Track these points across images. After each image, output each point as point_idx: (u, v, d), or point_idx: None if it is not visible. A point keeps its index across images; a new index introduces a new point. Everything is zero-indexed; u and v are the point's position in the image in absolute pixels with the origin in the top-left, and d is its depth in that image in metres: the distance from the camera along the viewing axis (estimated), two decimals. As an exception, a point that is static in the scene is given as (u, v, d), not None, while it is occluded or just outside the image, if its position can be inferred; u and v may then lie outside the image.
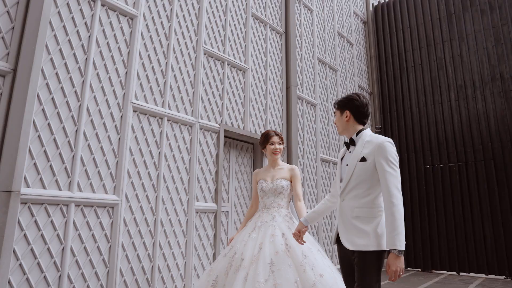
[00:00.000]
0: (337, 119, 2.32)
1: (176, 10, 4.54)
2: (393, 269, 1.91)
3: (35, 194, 3.04)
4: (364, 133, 2.19)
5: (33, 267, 3.00)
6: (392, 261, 1.92)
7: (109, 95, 3.71)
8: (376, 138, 2.12)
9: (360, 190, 2.09)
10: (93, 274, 3.36)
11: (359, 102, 2.21)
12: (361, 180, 2.09)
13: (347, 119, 2.23)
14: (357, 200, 2.09)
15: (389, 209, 1.94)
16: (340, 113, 2.29)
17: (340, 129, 2.32)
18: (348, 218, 2.09)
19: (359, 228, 2.04)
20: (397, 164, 2.04)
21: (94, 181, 3.48)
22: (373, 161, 2.07)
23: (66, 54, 3.43)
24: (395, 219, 1.92)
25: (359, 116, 2.21)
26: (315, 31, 7.28)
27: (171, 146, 4.22)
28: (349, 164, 2.15)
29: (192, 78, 4.58)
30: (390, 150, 2.04)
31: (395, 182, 1.99)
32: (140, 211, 3.81)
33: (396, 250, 1.90)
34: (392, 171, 2.00)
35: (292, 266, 2.56)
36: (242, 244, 2.83)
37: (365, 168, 2.08)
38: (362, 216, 2.06)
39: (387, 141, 2.07)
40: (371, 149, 2.08)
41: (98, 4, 3.73)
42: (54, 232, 3.16)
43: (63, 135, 3.32)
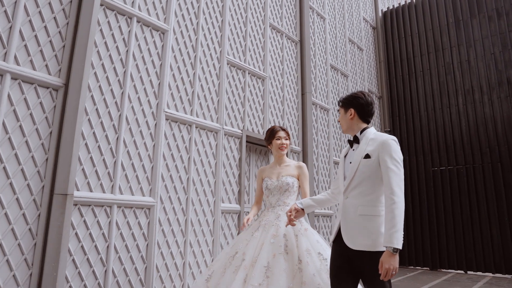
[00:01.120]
0: (341, 117, 2.29)
1: (202, 23, 4.85)
2: (386, 266, 1.85)
3: (83, 196, 3.37)
4: (368, 131, 2.17)
5: (83, 262, 3.32)
6: (386, 258, 1.86)
7: (144, 104, 4.02)
8: (381, 135, 2.09)
9: (364, 187, 2.06)
10: (133, 269, 3.68)
11: (364, 100, 2.20)
12: (365, 177, 2.06)
13: (351, 117, 2.21)
14: (360, 198, 2.05)
15: (389, 206, 1.91)
16: (344, 111, 2.27)
17: (344, 127, 2.28)
18: (352, 216, 2.06)
19: (363, 226, 2.00)
20: (401, 162, 2.01)
21: (133, 184, 3.80)
22: (377, 158, 2.03)
23: (107, 68, 3.75)
24: (394, 216, 1.88)
25: (364, 115, 2.20)
26: (328, 38, 7.56)
27: (199, 151, 4.53)
28: (353, 162, 2.13)
29: (216, 87, 4.89)
30: (394, 147, 2.02)
31: (397, 180, 1.95)
32: (172, 212, 4.12)
33: (391, 248, 1.85)
34: (395, 168, 1.97)
35: (287, 271, 2.49)
36: (245, 243, 2.75)
37: (369, 165, 2.05)
38: (366, 214, 2.02)
39: (391, 139, 2.05)
40: (375, 146, 2.06)
41: (134, 20, 4.04)
42: (100, 231, 3.48)
43: (106, 143, 3.64)
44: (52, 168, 3.22)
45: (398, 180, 1.95)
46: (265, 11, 5.96)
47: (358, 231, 2.01)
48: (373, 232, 1.98)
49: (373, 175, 2.04)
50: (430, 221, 8.20)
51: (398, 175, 1.96)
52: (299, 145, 6.18)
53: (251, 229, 2.86)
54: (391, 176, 1.95)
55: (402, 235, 1.87)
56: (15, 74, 3.09)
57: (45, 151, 3.23)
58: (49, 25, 3.39)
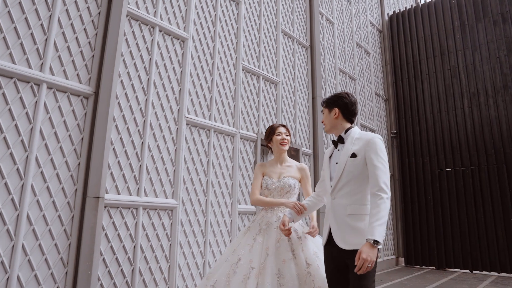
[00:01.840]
0: (325, 116, 2.30)
1: (219, 31, 5.02)
2: (363, 256, 1.82)
3: (112, 199, 3.54)
4: (353, 131, 2.19)
5: (113, 261, 3.50)
6: (365, 249, 1.83)
7: (166, 110, 4.20)
8: (366, 134, 2.12)
9: (351, 187, 2.06)
10: (157, 268, 3.86)
11: (348, 100, 2.22)
12: (352, 176, 2.06)
13: (335, 116, 2.22)
14: (349, 198, 2.06)
15: (375, 202, 1.92)
16: (328, 111, 2.28)
17: (328, 127, 2.29)
18: (341, 216, 2.05)
19: (353, 226, 2.00)
20: (386, 160, 2.04)
21: (157, 187, 3.98)
22: (364, 156, 2.05)
23: (132, 76, 3.93)
24: (380, 210, 1.88)
25: (348, 114, 2.22)
26: (336, 43, 7.73)
27: (217, 154, 4.70)
28: (339, 162, 2.13)
29: (233, 93, 5.07)
30: (379, 145, 2.04)
31: (383, 177, 1.97)
32: (193, 213, 4.30)
33: (372, 240, 1.84)
34: (381, 166, 1.99)
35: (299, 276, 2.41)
36: (247, 248, 2.59)
37: (355, 164, 2.06)
38: (355, 214, 2.02)
39: (377, 137, 2.07)
40: (361, 145, 2.07)
41: (156, 30, 4.22)
42: (127, 231, 3.66)
43: (131, 147, 3.82)
44: (84, 172, 3.40)
45: (385, 177, 1.97)
46: (277, 17, 6.13)
47: (348, 231, 2.01)
48: (364, 231, 1.97)
49: (360, 174, 2.05)
50: (436, 222, 8.36)
51: (384, 172, 1.99)
52: (310, 148, 6.35)
53: (251, 233, 2.70)
54: (378, 173, 1.97)
55: (384, 230, 1.87)
56: (50, 83, 3.27)
57: (77, 156, 3.41)
58: (79, 36, 3.56)
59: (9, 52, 3.06)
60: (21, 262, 2.94)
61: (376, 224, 1.86)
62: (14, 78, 3.07)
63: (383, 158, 2.02)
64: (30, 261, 2.99)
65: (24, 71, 3.11)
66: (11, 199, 2.95)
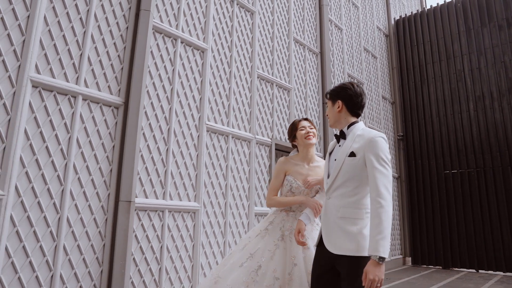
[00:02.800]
0: (329, 110, 2.11)
1: (235, 41, 5.25)
2: (370, 277, 1.68)
3: (141, 203, 3.79)
4: (356, 126, 1.99)
5: (142, 261, 3.75)
6: (371, 268, 1.69)
7: (188, 118, 4.44)
8: (368, 132, 1.92)
9: (347, 188, 1.90)
10: (182, 267, 4.10)
11: (352, 91, 2.02)
12: (348, 177, 1.89)
13: (339, 109, 2.03)
14: (343, 199, 1.90)
15: (375, 210, 1.74)
16: (331, 103, 2.09)
17: (331, 121, 2.10)
18: (333, 218, 1.91)
19: (344, 230, 1.85)
20: (389, 162, 1.85)
21: (181, 191, 4.22)
22: (363, 157, 1.86)
23: (157, 86, 4.17)
24: (381, 221, 1.71)
25: (353, 107, 2.02)
26: (345, 48, 7.95)
27: (235, 159, 4.94)
28: (338, 159, 1.96)
29: (249, 100, 5.30)
30: (382, 146, 1.85)
31: (384, 181, 1.78)
32: (213, 215, 4.54)
33: (377, 257, 1.69)
34: (382, 169, 1.80)
35: None
36: (268, 255, 2.36)
37: (353, 164, 1.89)
38: (348, 217, 1.86)
39: (379, 136, 1.87)
40: (361, 144, 1.88)
41: (178, 41, 4.46)
42: (154, 233, 3.91)
43: (157, 154, 4.06)
44: (115, 178, 3.65)
45: (386, 181, 1.79)
46: (289, 26, 6.36)
47: (340, 235, 1.86)
48: (356, 236, 1.83)
49: (357, 175, 1.88)
50: (442, 222, 8.56)
51: (386, 176, 1.80)
52: (321, 151, 6.57)
53: (270, 237, 2.45)
54: (378, 177, 1.78)
55: (389, 243, 1.71)
56: (85, 95, 3.52)
57: (109, 162, 3.66)
58: (110, 50, 3.81)
59: (49, 67, 3.32)
60: (63, 261, 3.19)
61: (379, 238, 1.69)
62: (54, 91, 3.33)
63: (385, 160, 1.82)
64: (70, 260, 3.24)
65: (62, 85, 3.36)
66: (53, 203, 3.20)
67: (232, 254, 2.53)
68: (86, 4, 3.68)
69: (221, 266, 2.48)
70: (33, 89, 3.20)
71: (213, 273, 2.48)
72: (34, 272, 3.01)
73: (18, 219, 2.98)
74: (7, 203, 2.90)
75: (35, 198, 3.10)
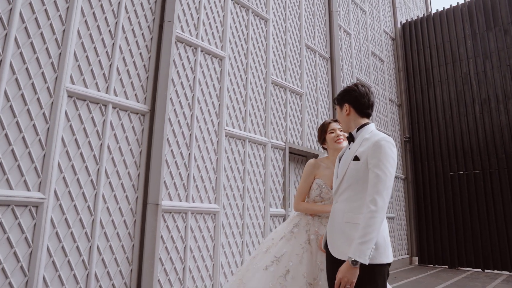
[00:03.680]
0: (338, 115, 2.09)
1: (251, 48, 5.45)
2: (339, 275, 1.68)
3: (166, 205, 3.99)
4: (366, 129, 1.94)
5: (167, 260, 3.95)
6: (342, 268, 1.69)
7: (208, 124, 4.64)
8: (375, 135, 1.87)
9: (351, 192, 1.86)
10: (204, 266, 4.30)
11: (357, 92, 1.97)
12: (352, 181, 1.86)
13: (347, 113, 1.99)
14: (348, 204, 1.86)
15: (365, 214, 1.71)
16: (340, 108, 2.06)
17: (343, 126, 2.06)
18: (339, 222, 1.88)
19: (347, 235, 1.80)
20: (392, 168, 1.77)
21: (202, 194, 4.42)
22: (366, 161, 1.82)
23: (179, 93, 4.37)
24: (366, 226, 1.68)
25: (361, 108, 1.97)
26: (353, 53, 8.13)
27: (251, 163, 5.14)
28: (343, 163, 1.94)
29: (264, 105, 5.50)
30: (385, 150, 1.78)
31: (380, 187, 1.72)
32: (232, 216, 4.74)
33: (351, 259, 1.66)
34: (381, 174, 1.73)
35: None
36: (296, 259, 2.29)
37: (357, 168, 1.84)
38: (352, 222, 1.81)
39: (384, 140, 1.80)
40: (365, 147, 1.84)
41: (198, 50, 4.66)
42: (178, 234, 4.11)
43: (180, 158, 4.26)
44: (143, 182, 3.85)
45: (382, 187, 1.72)
46: (300, 32, 6.55)
47: (342, 239, 1.83)
48: None
49: (361, 180, 1.83)
50: (448, 223, 8.73)
51: (383, 181, 1.73)
52: None
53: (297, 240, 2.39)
54: (375, 182, 1.73)
55: (370, 249, 1.66)
56: (115, 103, 3.72)
57: (137, 167, 3.86)
58: (136, 59, 4.01)
59: (82, 78, 3.52)
60: (97, 260, 3.40)
61: (359, 242, 1.66)
62: (86, 100, 3.53)
63: (385, 165, 1.75)
64: (103, 259, 3.44)
65: (94, 94, 3.56)
66: (87, 206, 3.40)
67: (255, 257, 2.43)
68: (115, 17, 3.89)
69: (243, 270, 2.41)
70: (69, 99, 3.40)
71: (235, 277, 2.40)
72: (72, 271, 3.22)
73: (57, 221, 3.18)
74: (48, 206, 3.10)
75: (71, 201, 3.30)
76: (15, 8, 3.10)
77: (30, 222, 3.02)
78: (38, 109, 3.19)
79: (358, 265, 1.66)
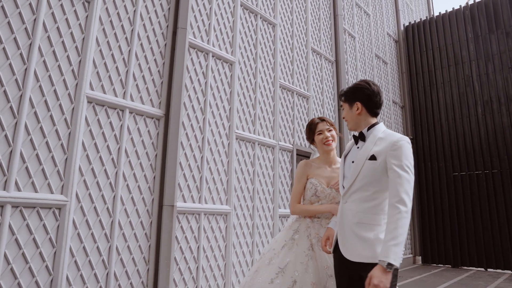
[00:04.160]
0: (346, 113, 1.98)
1: (259, 53, 5.57)
2: (375, 282, 1.58)
3: (180, 206, 4.12)
4: (377, 128, 1.90)
5: (182, 259, 4.08)
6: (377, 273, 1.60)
7: (220, 127, 4.77)
8: (391, 135, 1.84)
9: (365, 192, 1.81)
10: (216, 266, 4.43)
11: (370, 90, 1.91)
12: (368, 181, 1.81)
13: (358, 112, 1.92)
14: (360, 204, 1.82)
15: (393, 215, 1.66)
16: (349, 106, 1.96)
17: (351, 125, 1.98)
18: (349, 223, 1.83)
19: (360, 236, 1.77)
20: (412, 168, 1.76)
21: (214, 195, 4.55)
22: (384, 160, 1.78)
23: (192, 98, 4.50)
24: (397, 227, 1.63)
25: (372, 107, 1.92)
26: (357, 56, 8.26)
27: (261, 165, 5.27)
28: (356, 162, 1.88)
29: (272, 108, 5.63)
30: (405, 150, 1.76)
31: (406, 187, 1.70)
32: (243, 217, 4.87)
33: (386, 263, 1.59)
34: (405, 174, 1.71)
35: None
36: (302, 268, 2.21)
37: (374, 168, 1.80)
38: (365, 223, 1.79)
39: (403, 140, 1.79)
40: (383, 147, 1.80)
41: (210, 55, 4.78)
42: (192, 234, 4.24)
43: (193, 161, 4.39)
44: (158, 184, 3.98)
45: (408, 187, 1.71)
46: (307, 36, 6.67)
47: (356, 241, 1.78)
48: (373, 242, 1.75)
49: (377, 179, 1.80)
50: (451, 223, 8.86)
51: (409, 182, 1.71)
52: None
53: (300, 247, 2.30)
54: (400, 182, 1.70)
55: (402, 251, 1.63)
56: (131, 108, 3.85)
57: (152, 170, 3.99)
58: (151, 65, 4.14)
59: (101, 84, 3.65)
60: (116, 260, 3.52)
61: (392, 244, 1.61)
62: (105, 105, 3.66)
63: (408, 166, 1.74)
64: (122, 259, 3.57)
65: (112, 99, 3.69)
66: (106, 208, 3.53)
67: (258, 271, 2.31)
68: (130, 24, 4.01)
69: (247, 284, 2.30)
70: (88, 104, 3.53)
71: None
72: (93, 270, 3.35)
73: (79, 222, 3.31)
74: (70, 208, 3.23)
75: (91, 203, 3.43)
76: (39, 18, 3.23)
77: (54, 223, 3.15)
78: (60, 115, 3.31)
79: (393, 268, 1.59)
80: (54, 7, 3.36)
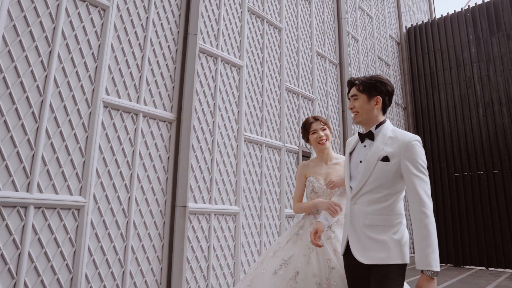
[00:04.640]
0: (362, 104, 1.88)
1: (266, 57, 5.70)
2: None
3: (192, 207, 4.24)
4: (385, 127, 1.86)
5: (193, 258, 4.21)
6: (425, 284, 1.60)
7: (229, 130, 4.90)
8: (402, 135, 1.80)
9: (377, 194, 1.78)
10: (225, 264, 4.56)
11: (391, 88, 1.88)
12: (380, 183, 1.78)
13: (376, 106, 1.87)
14: (371, 205, 1.78)
15: (421, 221, 1.65)
16: (367, 97, 1.88)
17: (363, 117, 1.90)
18: (360, 226, 1.80)
19: (374, 239, 1.75)
20: (426, 168, 1.75)
21: (223, 196, 4.68)
22: (398, 162, 1.75)
23: (202, 101, 4.63)
24: (429, 233, 1.63)
25: (387, 105, 1.90)
26: (361, 58, 8.39)
27: (268, 166, 5.40)
28: (367, 162, 1.82)
29: (278, 111, 5.76)
30: (419, 151, 1.74)
31: (425, 188, 1.69)
32: (251, 217, 5.00)
33: (429, 272, 1.59)
34: (422, 176, 1.71)
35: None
36: (304, 260, 2.27)
37: (387, 169, 1.76)
38: (377, 225, 1.76)
39: (415, 140, 1.76)
40: (396, 148, 1.76)
41: (219, 60, 4.91)
42: (203, 234, 4.37)
43: (204, 163, 4.52)
44: (171, 186, 4.11)
45: (427, 188, 1.71)
46: (311, 40, 6.80)
47: (370, 244, 1.76)
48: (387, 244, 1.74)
49: (390, 181, 1.77)
50: (453, 222, 8.98)
51: (426, 183, 1.71)
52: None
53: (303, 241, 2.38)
54: (420, 184, 1.69)
55: (438, 255, 1.63)
56: (145, 112, 3.98)
57: (165, 172, 4.12)
58: (163, 70, 4.27)
59: (116, 89, 3.78)
60: (131, 258, 3.65)
61: (429, 251, 1.61)
62: (120, 110, 3.79)
63: (423, 165, 1.73)
64: (137, 258, 3.70)
65: (127, 104, 3.82)
66: (122, 208, 3.66)
67: (263, 262, 2.40)
68: (143, 30, 4.14)
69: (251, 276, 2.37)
70: (104, 109, 3.66)
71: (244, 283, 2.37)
72: (110, 268, 3.48)
73: (96, 223, 3.44)
74: (88, 209, 3.36)
75: (108, 204, 3.56)
76: (58, 26, 3.36)
77: (73, 224, 3.28)
78: (78, 119, 3.44)
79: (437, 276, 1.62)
80: (72, 15, 3.49)
